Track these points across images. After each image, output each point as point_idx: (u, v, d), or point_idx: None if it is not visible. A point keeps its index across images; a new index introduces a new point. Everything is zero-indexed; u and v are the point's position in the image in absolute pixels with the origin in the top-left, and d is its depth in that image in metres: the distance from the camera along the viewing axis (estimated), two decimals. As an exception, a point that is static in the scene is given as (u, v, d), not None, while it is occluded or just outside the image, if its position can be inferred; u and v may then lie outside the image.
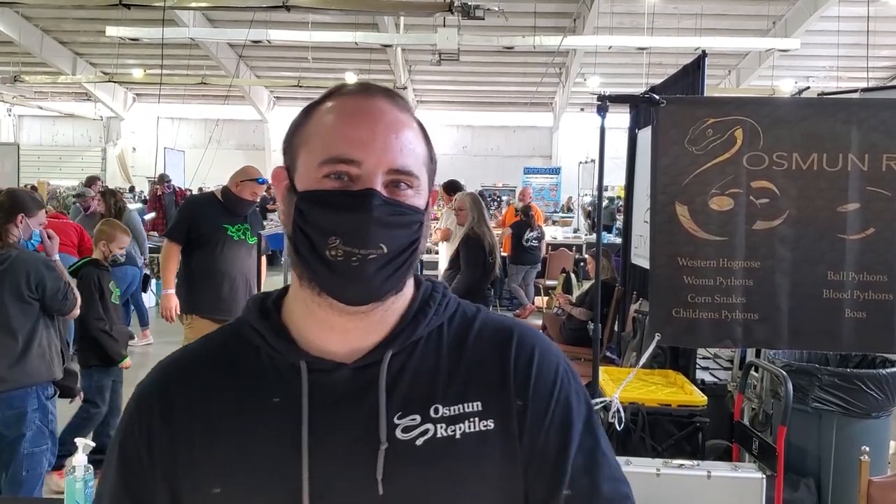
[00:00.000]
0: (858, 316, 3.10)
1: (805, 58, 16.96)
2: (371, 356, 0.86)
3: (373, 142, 0.82)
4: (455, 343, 0.90)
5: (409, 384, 0.86)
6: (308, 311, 0.86)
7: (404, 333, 0.87)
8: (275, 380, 0.86)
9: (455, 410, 0.85)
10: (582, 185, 15.86)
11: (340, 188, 0.82)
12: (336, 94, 0.88)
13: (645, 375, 3.51)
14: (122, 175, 22.42)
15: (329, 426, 0.84)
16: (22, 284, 3.13)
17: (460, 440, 0.84)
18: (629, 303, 4.86)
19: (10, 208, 3.27)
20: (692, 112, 3.14)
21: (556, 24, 15.71)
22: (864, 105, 3.37)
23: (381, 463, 0.82)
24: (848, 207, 3.09)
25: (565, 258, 9.88)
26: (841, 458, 3.19)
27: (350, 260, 0.80)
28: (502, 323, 0.94)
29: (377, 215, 0.80)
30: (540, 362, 0.89)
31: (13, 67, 18.34)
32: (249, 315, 0.91)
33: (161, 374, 0.91)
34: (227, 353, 0.90)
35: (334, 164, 0.82)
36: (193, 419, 0.86)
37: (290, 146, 0.88)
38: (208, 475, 0.84)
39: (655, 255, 3.18)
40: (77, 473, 1.97)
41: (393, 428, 0.84)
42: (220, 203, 4.53)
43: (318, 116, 0.86)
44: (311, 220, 0.82)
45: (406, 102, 0.89)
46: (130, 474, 0.87)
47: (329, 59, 18.00)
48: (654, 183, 3.16)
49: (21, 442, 3.12)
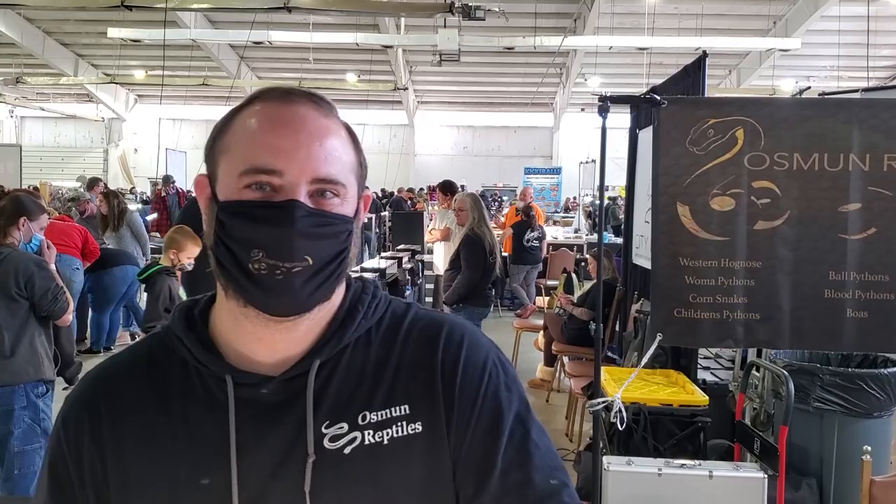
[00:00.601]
0: (860, 316, 3.10)
1: (806, 57, 16.96)
2: (298, 367, 0.84)
3: (295, 151, 0.79)
4: (383, 345, 0.88)
5: (336, 392, 0.84)
6: (236, 322, 0.83)
7: (332, 342, 0.85)
8: (202, 394, 0.84)
9: (383, 416, 0.84)
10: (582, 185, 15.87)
11: (262, 199, 0.79)
12: (258, 99, 0.84)
13: (646, 375, 3.52)
14: (123, 176, 22.44)
15: (257, 440, 0.82)
16: (10, 282, 3.13)
17: (388, 445, 0.83)
18: (630, 303, 4.86)
19: (13, 211, 3.33)
20: (693, 113, 3.14)
21: (557, 24, 15.73)
22: (864, 105, 3.37)
23: (309, 476, 0.81)
24: (849, 207, 3.09)
25: (566, 258, 9.88)
26: (842, 458, 3.20)
27: (274, 273, 0.78)
28: (432, 319, 0.91)
29: (301, 227, 0.78)
30: (467, 357, 0.87)
31: (15, 69, 18.40)
32: (175, 326, 0.88)
33: (88, 389, 0.88)
34: (153, 364, 0.87)
35: (255, 175, 0.79)
36: (121, 434, 0.84)
37: (212, 153, 0.84)
38: (136, 490, 0.83)
39: (657, 256, 3.19)
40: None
41: (321, 437, 0.82)
42: None
43: (239, 123, 0.83)
44: (232, 233, 0.79)
45: (332, 107, 0.86)
46: (60, 491, 0.86)
47: (330, 60, 18.01)
48: (655, 183, 3.17)
49: (10, 439, 3.10)
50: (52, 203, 10.46)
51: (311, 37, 14.45)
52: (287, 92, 0.84)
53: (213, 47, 17.44)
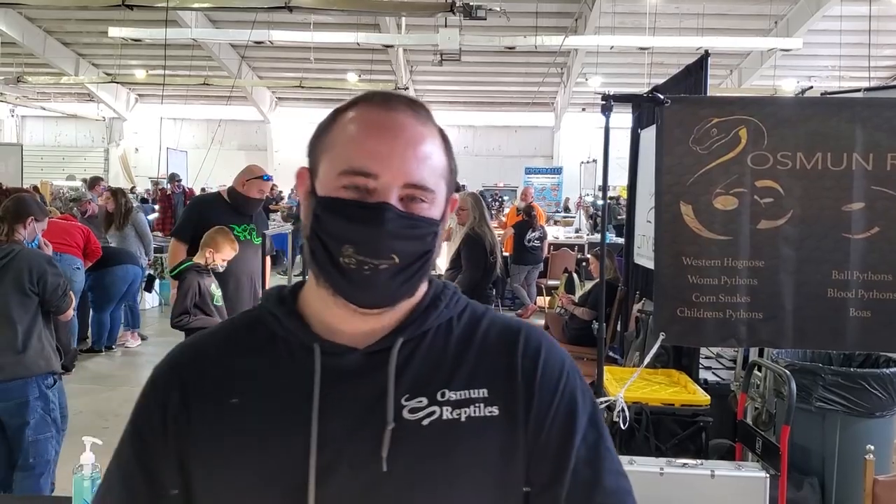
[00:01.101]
0: (863, 315, 3.09)
1: (807, 57, 16.94)
2: (383, 342, 0.89)
3: (390, 156, 0.85)
4: (464, 335, 0.93)
5: (417, 369, 0.89)
6: (324, 305, 0.90)
7: (416, 323, 0.91)
8: (289, 361, 0.90)
9: (461, 395, 0.88)
10: (583, 185, 15.86)
11: (356, 199, 0.84)
12: (361, 102, 0.90)
13: (648, 375, 3.52)
14: (124, 175, 22.43)
15: (338, 405, 0.87)
16: (24, 278, 3.22)
17: (465, 423, 0.87)
18: (632, 303, 4.86)
19: (21, 210, 3.45)
20: (696, 112, 3.14)
21: (558, 23, 15.72)
22: (868, 104, 3.37)
23: (388, 441, 0.85)
24: (852, 206, 3.09)
25: (567, 258, 9.88)
26: (844, 458, 3.19)
27: (362, 268, 0.84)
28: (510, 321, 0.97)
29: (389, 228, 0.83)
30: (546, 357, 0.93)
31: (16, 68, 18.38)
32: (267, 302, 0.95)
33: (178, 354, 0.95)
34: (242, 335, 0.94)
35: (352, 176, 0.85)
36: (208, 393, 0.90)
37: (314, 150, 0.91)
38: (218, 447, 0.88)
39: (660, 255, 3.18)
40: (85, 472, 1.98)
41: (400, 409, 0.87)
42: (226, 203, 4.53)
43: (342, 124, 0.89)
44: (326, 227, 0.85)
45: (429, 113, 0.91)
46: (142, 446, 0.91)
47: (331, 60, 18.00)
48: (658, 182, 3.16)
49: (25, 430, 3.20)
50: (54, 203, 10.46)
51: (312, 36, 14.44)
52: (388, 97, 0.90)
53: (213, 47, 17.43)
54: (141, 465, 0.91)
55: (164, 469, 0.90)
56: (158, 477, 0.90)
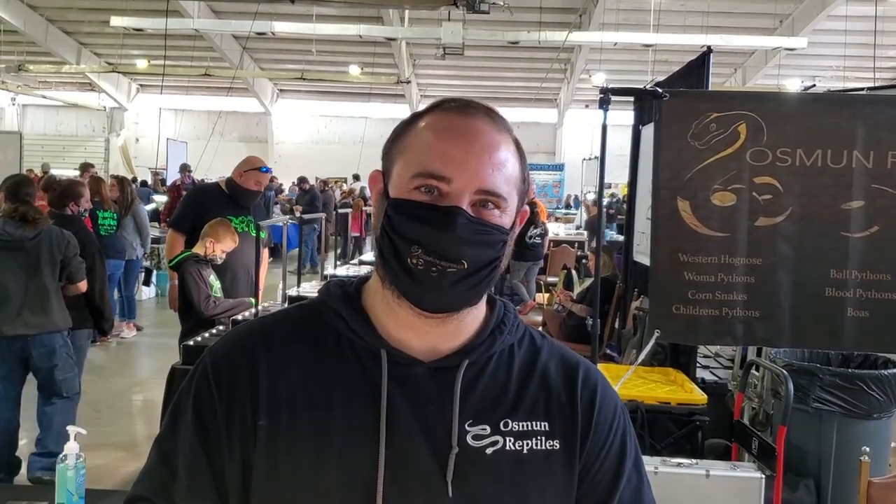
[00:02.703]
0: (861, 315, 3.06)
1: (811, 57, 16.87)
2: (448, 360, 0.90)
3: (465, 161, 0.85)
4: (525, 364, 0.94)
5: (481, 395, 0.90)
6: (389, 308, 0.90)
7: (482, 346, 0.91)
8: (355, 363, 0.89)
9: (524, 427, 0.90)
10: (585, 181, 15.82)
11: (428, 201, 0.85)
12: (438, 108, 0.91)
13: (645, 373, 3.49)
14: (125, 166, 22.42)
15: (403, 419, 0.87)
16: (54, 250, 3.84)
17: (527, 456, 0.89)
18: (630, 300, 4.83)
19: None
20: (695, 106, 3.10)
21: (562, 19, 15.65)
22: (869, 101, 3.33)
23: (452, 466, 0.86)
24: (852, 205, 3.06)
25: (567, 255, 9.85)
26: (841, 459, 3.16)
27: (430, 270, 0.84)
28: (568, 355, 0.99)
29: (460, 233, 0.84)
30: (602, 397, 0.95)
31: (17, 56, 18.32)
32: (332, 299, 0.94)
33: (244, 338, 0.93)
34: (308, 328, 0.93)
35: (425, 178, 0.85)
36: (277, 385, 0.88)
37: (389, 153, 0.91)
38: (286, 443, 0.86)
39: (656, 251, 3.15)
40: (69, 462, 1.96)
41: (464, 434, 0.87)
42: (225, 194, 4.50)
43: (418, 128, 0.90)
44: (397, 228, 0.86)
45: (506, 122, 0.91)
46: (207, 436, 0.89)
47: (333, 52, 17.96)
48: (656, 177, 3.13)
49: (55, 371, 3.88)
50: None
51: (314, 28, 14.40)
52: (466, 104, 0.90)
53: (215, 37, 17.37)
54: (207, 455, 0.89)
55: (226, 461, 0.88)
56: (223, 471, 0.89)
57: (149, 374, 5.46)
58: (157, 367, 5.44)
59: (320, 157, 23.13)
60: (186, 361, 3.61)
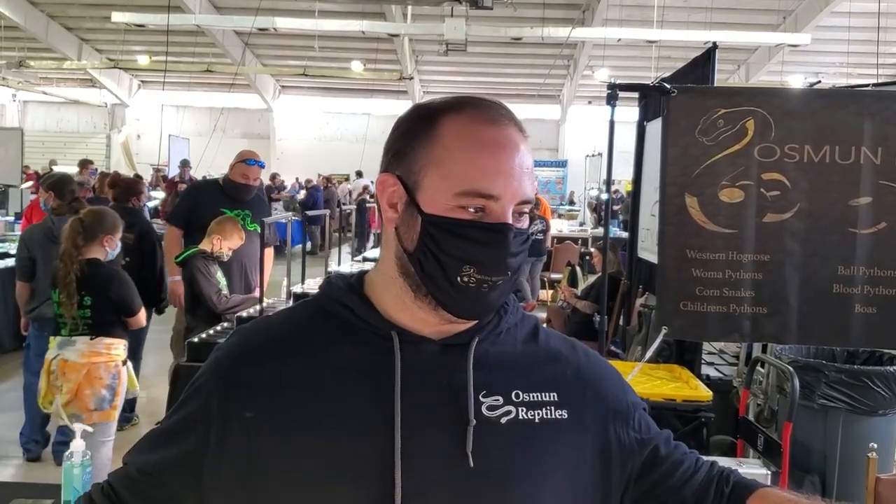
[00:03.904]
0: (868, 311, 3.06)
1: (815, 53, 16.83)
2: (459, 338, 0.91)
3: (510, 177, 0.86)
4: (528, 340, 0.98)
5: (491, 368, 0.92)
6: (401, 305, 0.91)
7: (490, 325, 0.93)
8: (365, 347, 0.90)
9: (534, 397, 0.92)
10: (588, 178, 15.80)
11: (475, 220, 0.85)
12: (461, 112, 0.89)
13: (650, 370, 3.48)
14: (126, 162, 22.39)
15: (419, 394, 0.88)
16: None
17: (539, 424, 0.91)
18: (634, 297, 4.82)
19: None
20: (703, 102, 3.09)
21: (565, 15, 15.61)
22: (878, 97, 3.31)
23: (471, 437, 0.87)
24: (860, 201, 3.05)
25: (571, 251, 9.84)
26: (847, 456, 3.16)
27: (481, 286, 0.86)
28: (561, 335, 1.04)
29: (512, 249, 0.86)
30: (604, 366, 1.02)
31: (18, 52, 18.29)
32: (335, 291, 0.95)
33: (251, 336, 0.95)
34: (315, 322, 0.94)
35: (474, 198, 0.85)
36: (285, 378, 0.89)
37: (405, 157, 0.89)
38: (298, 426, 0.87)
39: (664, 247, 3.14)
40: (75, 459, 1.96)
41: (479, 405, 0.89)
42: (220, 189, 4.53)
43: (445, 137, 0.87)
44: (444, 247, 0.85)
45: (518, 120, 0.92)
46: (189, 438, 0.91)
47: (335, 48, 17.92)
48: (663, 174, 3.12)
49: None
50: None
51: (316, 24, 14.36)
52: (490, 108, 0.90)
53: (217, 33, 17.33)
54: (178, 461, 0.92)
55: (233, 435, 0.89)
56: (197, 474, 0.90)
57: (152, 371, 5.45)
58: (160, 364, 5.43)
59: (322, 154, 23.12)
60: (191, 358, 3.60)
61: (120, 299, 3.44)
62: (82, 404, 3.27)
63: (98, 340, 3.36)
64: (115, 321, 3.45)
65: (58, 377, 3.29)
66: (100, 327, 3.37)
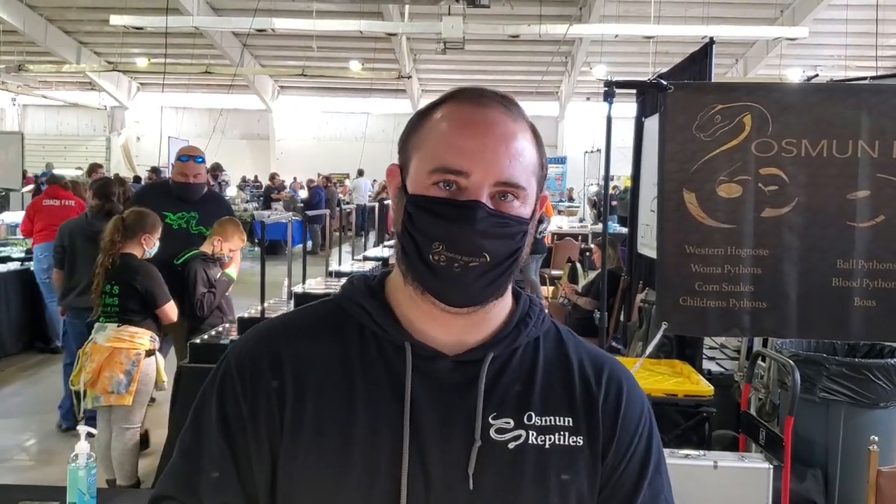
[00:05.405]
0: (868, 305, 3.06)
1: (813, 46, 16.80)
2: (473, 353, 0.89)
3: (482, 154, 0.84)
4: (551, 358, 0.93)
5: (505, 388, 0.89)
6: (412, 303, 0.89)
7: (507, 339, 0.91)
8: (379, 357, 0.89)
9: (547, 421, 0.89)
10: (587, 174, 15.80)
11: (447, 197, 0.84)
12: (451, 99, 0.89)
13: (651, 365, 3.49)
14: (126, 164, 22.41)
15: (428, 411, 0.87)
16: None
17: (549, 450, 0.88)
18: (635, 293, 4.83)
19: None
20: (700, 98, 3.10)
21: (562, 12, 15.59)
22: (874, 91, 3.32)
23: (474, 459, 0.85)
24: (857, 195, 3.05)
25: (571, 248, 9.84)
26: (848, 449, 3.17)
27: (452, 266, 0.84)
28: (595, 352, 0.98)
29: (480, 227, 0.83)
30: (629, 396, 0.94)
31: (17, 56, 18.32)
32: (356, 293, 0.93)
33: (266, 334, 0.93)
34: (332, 323, 0.93)
35: (443, 174, 0.84)
36: (303, 379, 0.88)
37: (405, 147, 0.90)
38: (310, 435, 0.86)
39: (663, 243, 3.15)
40: (79, 462, 1.96)
41: (487, 427, 0.87)
42: (168, 189, 4.37)
43: (433, 121, 0.88)
44: (417, 225, 0.85)
45: (520, 109, 0.90)
46: (231, 434, 0.89)
47: (334, 48, 17.92)
48: (661, 170, 3.12)
49: None
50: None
51: (314, 24, 14.37)
52: (479, 93, 0.89)
53: (215, 35, 17.33)
54: (233, 453, 0.88)
55: (253, 457, 0.88)
56: (250, 469, 0.88)
57: (155, 373, 5.46)
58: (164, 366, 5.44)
59: (322, 154, 23.12)
60: (193, 360, 3.61)
61: (146, 290, 3.60)
62: (101, 385, 3.50)
63: (124, 329, 3.56)
64: (141, 311, 3.62)
65: (88, 358, 3.55)
66: (125, 315, 3.58)
